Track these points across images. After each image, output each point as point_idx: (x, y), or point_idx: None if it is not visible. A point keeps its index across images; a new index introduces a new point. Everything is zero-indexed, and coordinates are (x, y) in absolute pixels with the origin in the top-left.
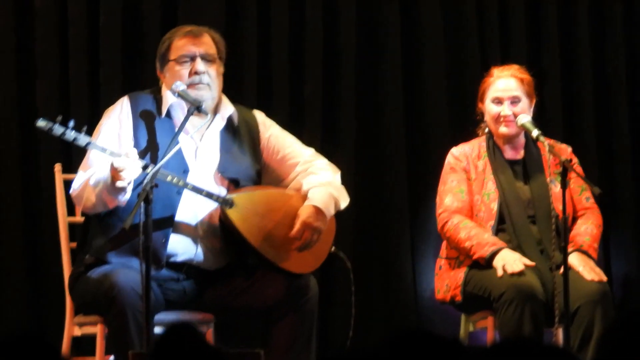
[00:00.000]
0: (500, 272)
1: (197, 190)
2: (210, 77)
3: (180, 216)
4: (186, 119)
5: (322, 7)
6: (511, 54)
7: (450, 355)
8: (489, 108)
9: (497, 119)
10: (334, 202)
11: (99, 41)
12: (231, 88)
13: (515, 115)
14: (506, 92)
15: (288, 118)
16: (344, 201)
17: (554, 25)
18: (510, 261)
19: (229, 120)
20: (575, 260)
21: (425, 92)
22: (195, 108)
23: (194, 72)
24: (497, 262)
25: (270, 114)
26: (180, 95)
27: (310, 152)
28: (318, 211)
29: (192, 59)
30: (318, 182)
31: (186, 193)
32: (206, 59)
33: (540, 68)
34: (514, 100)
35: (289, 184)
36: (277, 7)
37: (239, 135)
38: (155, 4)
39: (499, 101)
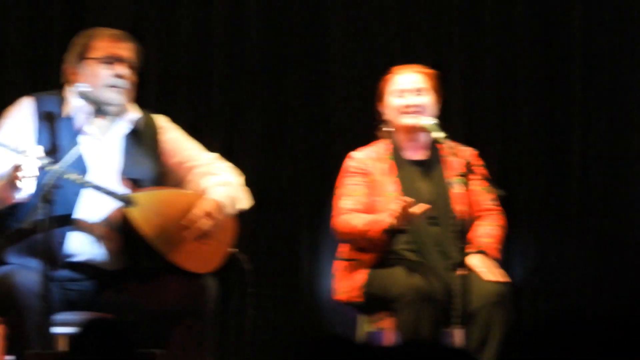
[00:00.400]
0: (397, 208)
1: (98, 188)
2: (126, 84)
3: (81, 216)
4: (88, 120)
5: (229, 8)
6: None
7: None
8: (390, 101)
9: (400, 109)
10: (233, 200)
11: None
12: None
13: (421, 107)
14: (409, 84)
15: (192, 122)
16: (244, 202)
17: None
18: (392, 205)
19: (134, 124)
20: (475, 261)
21: (331, 94)
22: (98, 110)
23: (117, 74)
24: (392, 210)
25: (173, 119)
26: (83, 95)
27: (210, 155)
28: (216, 204)
29: (115, 61)
30: (218, 182)
31: (87, 193)
32: (127, 64)
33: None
34: (419, 92)
35: (188, 184)
36: (182, 9)
37: (142, 139)
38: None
39: (401, 93)
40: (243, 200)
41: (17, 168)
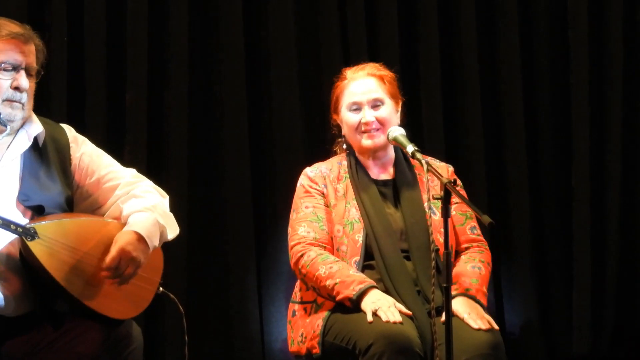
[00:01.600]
0: (370, 318)
1: None
2: (28, 95)
3: None
4: None
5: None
6: (381, 55)
7: None
8: (346, 117)
9: (358, 128)
10: (160, 230)
11: None
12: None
13: (380, 122)
14: (365, 95)
15: (105, 133)
16: (173, 231)
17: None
18: (384, 306)
19: (35, 140)
20: (460, 306)
21: (274, 103)
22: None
23: (16, 86)
24: (367, 305)
25: (81, 129)
26: None
27: (132, 172)
28: (139, 238)
29: (16, 69)
30: (142, 207)
31: None
32: (29, 72)
33: (417, 70)
34: (376, 104)
35: (107, 210)
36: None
37: (46, 156)
38: None
39: (357, 107)
40: (171, 227)
41: None
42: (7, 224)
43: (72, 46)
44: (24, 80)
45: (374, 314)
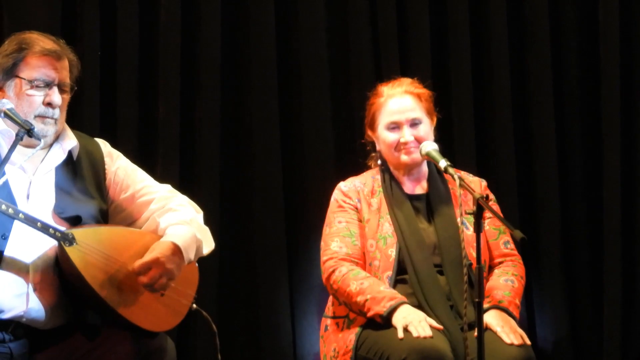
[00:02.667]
0: (401, 334)
1: (31, 220)
2: (60, 111)
3: (8, 261)
4: (13, 146)
5: (181, 3)
6: (412, 69)
7: None
8: (384, 136)
9: (397, 147)
10: (197, 244)
11: None
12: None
13: (418, 140)
14: (403, 114)
15: (137, 147)
16: (208, 246)
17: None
18: (414, 321)
19: (69, 153)
20: (492, 319)
21: (304, 116)
22: (26, 132)
23: (48, 102)
24: (398, 321)
25: (114, 143)
26: (7, 115)
27: (166, 187)
28: (175, 249)
29: (48, 85)
30: (179, 220)
31: (15, 232)
32: (61, 88)
33: (449, 83)
34: (414, 123)
35: (142, 224)
36: (125, 12)
37: (80, 170)
38: None
39: (395, 126)
40: (207, 242)
41: None
42: (46, 228)
43: (104, 59)
44: (56, 97)
45: (405, 329)
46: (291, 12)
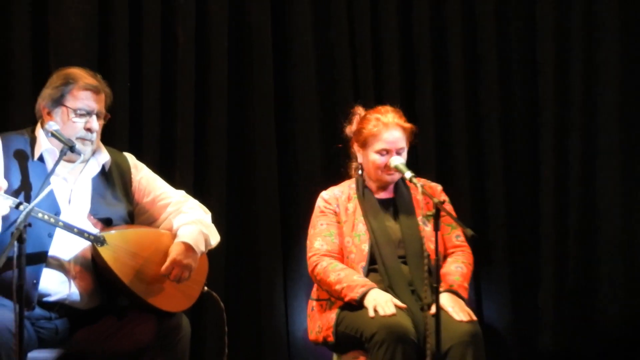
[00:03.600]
0: (371, 313)
1: (69, 227)
2: (97, 134)
3: (53, 255)
4: (58, 160)
5: (195, 42)
6: (384, 95)
7: None
8: (374, 158)
9: (384, 169)
10: (204, 239)
11: None
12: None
13: (400, 164)
14: (394, 145)
15: (159, 159)
16: (215, 239)
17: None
18: (381, 302)
19: (103, 166)
20: (445, 300)
21: (297, 134)
22: (69, 148)
23: (88, 128)
24: (368, 303)
25: (140, 156)
26: (54, 135)
27: (181, 193)
28: (188, 248)
29: (89, 114)
30: (188, 220)
31: (59, 233)
32: (98, 116)
33: (413, 109)
34: (399, 151)
35: (161, 224)
36: (148, 42)
37: (111, 180)
38: (25, 41)
39: (386, 153)
40: (213, 236)
41: None
42: (81, 233)
43: (132, 90)
44: (95, 124)
45: (374, 309)
46: (287, 47)
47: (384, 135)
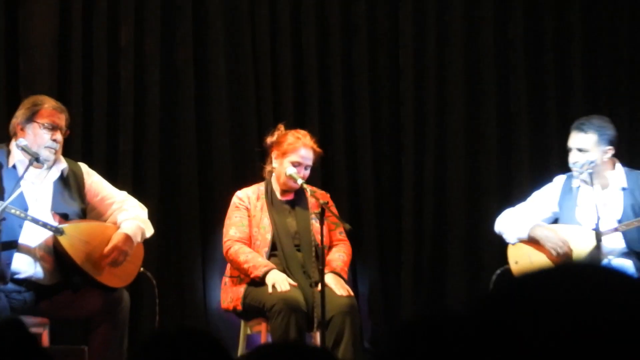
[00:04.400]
0: (270, 290)
1: (35, 220)
2: (59, 146)
3: (22, 243)
4: (27, 168)
5: (134, 79)
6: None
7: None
8: (288, 166)
9: (291, 177)
10: (141, 232)
11: None
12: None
13: (304, 178)
14: (306, 160)
15: (105, 167)
16: (149, 231)
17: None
18: (279, 280)
19: (62, 172)
20: (329, 279)
21: (212, 144)
22: (35, 159)
23: (54, 139)
24: (269, 281)
25: (91, 164)
26: (23, 149)
27: (123, 193)
28: (127, 238)
29: (54, 128)
30: (129, 217)
31: (27, 225)
32: (61, 130)
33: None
34: (307, 167)
35: (107, 218)
36: (97, 77)
37: (68, 183)
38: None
39: (298, 164)
40: (148, 229)
41: None
42: (45, 225)
43: (84, 113)
44: (59, 136)
45: (273, 286)
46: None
47: (301, 151)
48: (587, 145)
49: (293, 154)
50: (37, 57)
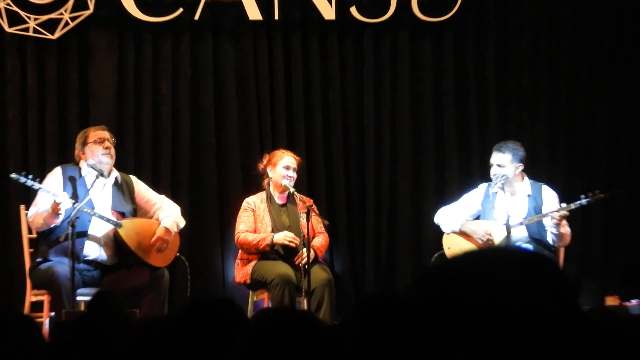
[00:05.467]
0: (283, 241)
1: (100, 217)
2: (111, 152)
3: (91, 233)
4: (94, 181)
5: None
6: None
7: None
8: (280, 170)
9: (285, 177)
10: (176, 224)
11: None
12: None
13: (293, 178)
14: (293, 164)
15: (151, 180)
16: (182, 223)
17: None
18: (283, 235)
19: (116, 180)
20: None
21: (227, 163)
22: (100, 174)
23: (106, 147)
24: (278, 240)
25: (140, 178)
26: (91, 166)
27: (162, 197)
28: (167, 230)
29: (102, 141)
30: (167, 214)
31: (95, 220)
32: (108, 141)
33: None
34: (294, 170)
35: (151, 216)
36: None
37: (122, 188)
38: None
39: (287, 168)
40: (181, 222)
41: (57, 204)
42: (108, 220)
43: (135, 144)
44: (107, 143)
45: (284, 239)
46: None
47: (286, 158)
48: (504, 162)
49: (282, 161)
50: (101, 102)
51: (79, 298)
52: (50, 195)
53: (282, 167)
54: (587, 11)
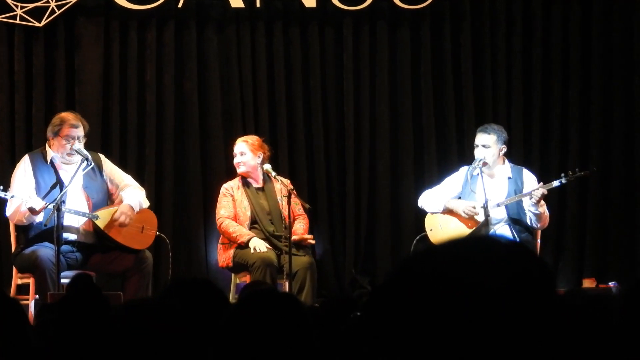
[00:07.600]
0: (252, 250)
1: (76, 212)
2: (77, 150)
3: (67, 223)
4: (79, 167)
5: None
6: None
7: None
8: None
9: (237, 164)
10: (140, 204)
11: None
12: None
13: (244, 164)
14: (239, 149)
15: (135, 167)
16: (146, 204)
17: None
18: (258, 244)
19: (89, 163)
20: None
21: (211, 149)
22: (85, 159)
23: (72, 147)
24: (251, 244)
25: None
26: (77, 151)
27: (129, 177)
28: (130, 207)
29: (72, 139)
30: (130, 194)
31: (74, 216)
32: (79, 140)
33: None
34: (242, 153)
35: (117, 195)
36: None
37: (93, 170)
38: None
39: (235, 155)
40: (145, 203)
41: (35, 211)
42: (84, 214)
43: (121, 130)
44: (75, 144)
45: (254, 248)
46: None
47: (235, 146)
48: (489, 142)
49: (234, 150)
50: (88, 88)
51: (63, 281)
52: (25, 203)
53: (235, 155)
54: None
